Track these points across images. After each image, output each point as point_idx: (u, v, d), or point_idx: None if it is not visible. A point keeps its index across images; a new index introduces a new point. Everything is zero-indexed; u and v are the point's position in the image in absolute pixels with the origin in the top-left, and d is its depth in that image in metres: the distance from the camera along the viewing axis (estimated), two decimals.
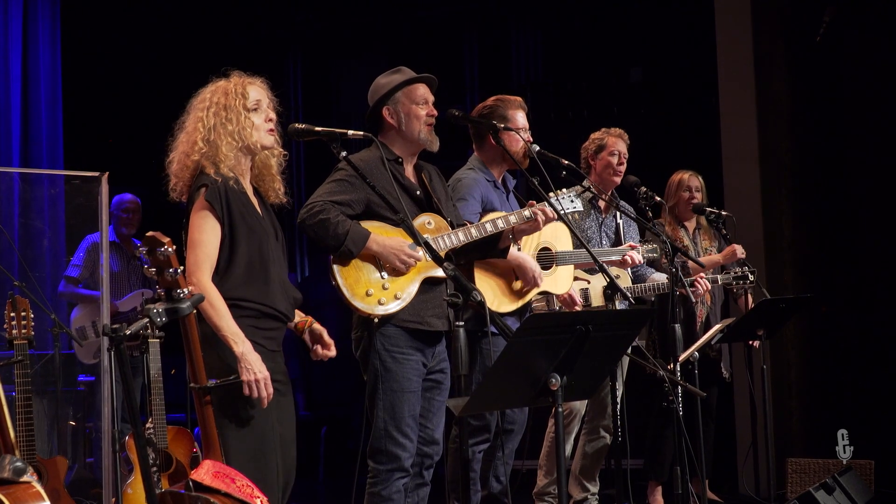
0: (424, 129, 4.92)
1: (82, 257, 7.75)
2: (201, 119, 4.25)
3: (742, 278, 6.48)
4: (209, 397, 3.81)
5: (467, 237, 4.85)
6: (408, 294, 4.73)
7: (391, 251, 4.68)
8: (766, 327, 6.31)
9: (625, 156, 6.50)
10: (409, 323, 4.76)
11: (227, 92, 4.29)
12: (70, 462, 6.87)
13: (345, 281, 4.68)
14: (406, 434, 4.77)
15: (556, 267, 5.75)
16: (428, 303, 4.79)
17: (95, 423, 7.53)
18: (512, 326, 4.40)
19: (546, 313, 5.92)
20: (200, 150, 4.20)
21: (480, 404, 3.97)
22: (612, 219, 6.56)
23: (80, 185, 7.25)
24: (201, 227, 4.13)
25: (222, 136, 4.21)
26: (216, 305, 4.05)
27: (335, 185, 4.77)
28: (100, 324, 7.48)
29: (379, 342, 4.76)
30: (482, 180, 5.59)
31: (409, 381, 4.78)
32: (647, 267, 6.72)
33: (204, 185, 4.16)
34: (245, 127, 4.23)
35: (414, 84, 4.98)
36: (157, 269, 3.48)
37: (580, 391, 3.88)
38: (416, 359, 4.81)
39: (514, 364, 3.53)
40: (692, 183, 7.08)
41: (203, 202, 4.14)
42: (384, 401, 4.76)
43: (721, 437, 7.59)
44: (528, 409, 5.67)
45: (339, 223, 4.63)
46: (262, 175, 4.41)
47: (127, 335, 3.28)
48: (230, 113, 4.24)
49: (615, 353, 4.00)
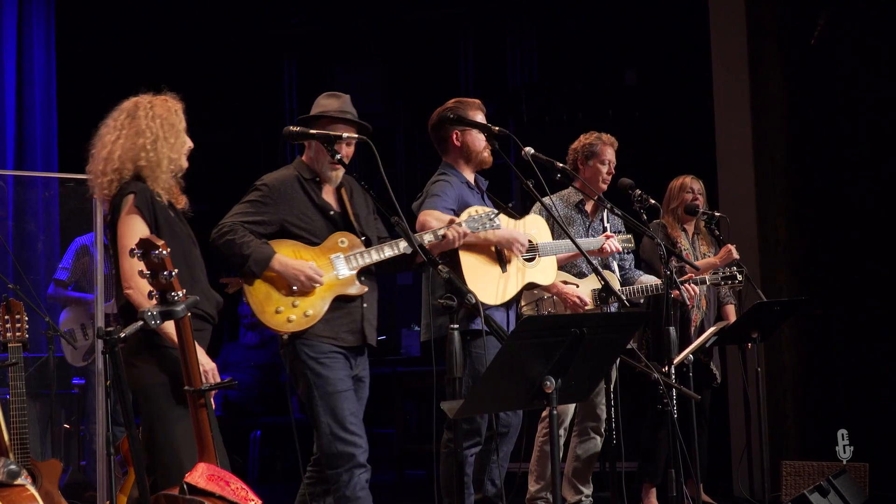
0: (329, 165, 4.98)
1: (71, 260, 7.74)
2: (150, 127, 4.38)
3: (730, 278, 6.47)
4: (203, 399, 3.81)
5: (380, 255, 4.92)
6: (318, 311, 4.82)
7: (293, 270, 4.76)
8: (761, 330, 6.31)
9: (613, 164, 6.51)
10: (323, 339, 4.86)
11: (169, 110, 4.45)
12: (64, 465, 6.86)
13: (254, 299, 4.79)
14: (353, 431, 4.84)
15: (540, 258, 5.77)
16: (341, 320, 4.89)
17: (89, 426, 7.52)
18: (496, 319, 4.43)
19: (541, 316, 5.94)
20: (148, 156, 4.35)
21: (475, 407, 3.98)
22: (600, 223, 6.57)
23: (75, 188, 7.26)
24: (134, 234, 4.24)
25: (164, 152, 4.37)
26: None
27: (248, 205, 4.88)
28: (88, 326, 7.48)
29: (303, 352, 4.85)
30: (455, 181, 5.63)
31: (342, 381, 4.88)
32: (636, 269, 6.72)
33: (132, 192, 4.31)
34: (181, 150, 4.43)
35: (334, 123, 5.00)
36: (151, 272, 3.48)
37: (575, 394, 3.89)
38: (342, 361, 4.90)
39: (509, 367, 3.53)
40: (694, 186, 7.07)
41: (132, 208, 4.28)
42: (322, 406, 4.84)
43: (715, 439, 7.59)
44: (521, 411, 5.67)
45: (244, 244, 4.74)
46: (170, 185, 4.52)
47: (121, 338, 3.29)
48: (173, 130, 4.41)
49: (610, 355, 4.01)
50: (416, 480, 9.47)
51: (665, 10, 9.89)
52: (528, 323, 3.57)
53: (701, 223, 7.14)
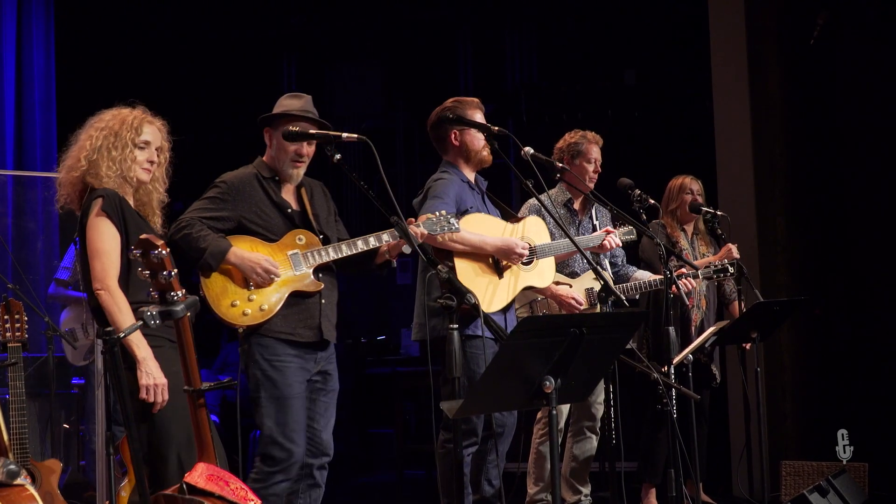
0: (290, 164, 5.03)
1: (72, 259, 7.74)
2: (91, 138, 4.56)
3: (722, 270, 6.46)
4: (203, 399, 3.81)
5: (337, 253, 4.94)
6: (273, 306, 4.84)
7: (249, 263, 4.78)
8: (760, 330, 6.31)
9: (599, 162, 6.51)
10: (280, 334, 4.88)
11: (124, 121, 4.58)
12: (63, 465, 6.86)
13: (209, 292, 4.81)
14: (293, 440, 4.87)
15: (538, 261, 5.78)
16: (298, 315, 4.91)
17: (88, 426, 7.53)
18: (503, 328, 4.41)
19: (541, 316, 5.93)
20: (82, 167, 4.52)
21: (474, 407, 3.98)
22: (589, 220, 6.57)
23: None
24: (103, 236, 4.36)
25: (105, 159, 4.50)
26: (123, 310, 4.34)
27: (207, 202, 4.92)
28: (90, 326, 7.47)
29: (257, 352, 4.87)
30: (457, 181, 5.63)
31: (290, 387, 4.89)
32: (629, 265, 6.72)
33: (101, 195, 4.42)
34: (126, 158, 4.53)
35: (295, 122, 5.02)
36: (150, 272, 3.48)
37: (574, 394, 3.89)
38: (296, 365, 4.92)
39: (508, 367, 3.53)
40: (693, 186, 7.08)
41: (100, 211, 4.40)
42: (267, 408, 4.87)
43: (715, 439, 7.59)
44: (517, 411, 5.67)
45: (201, 238, 4.77)
46: (143, 204, 4.67)
47: (120, 338, 3.29)
48: (118, 141, 4.54)
49: (609, 355, 4.00)
50: (415, 480, 9.48)
51: (664, 10, 9.90)
52: (528, 323, 3.57)
53: (700, 223, 7.14)
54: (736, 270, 6.48)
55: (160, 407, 4.31)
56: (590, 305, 6.24)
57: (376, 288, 11.54)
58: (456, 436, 4.14)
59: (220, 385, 3.95)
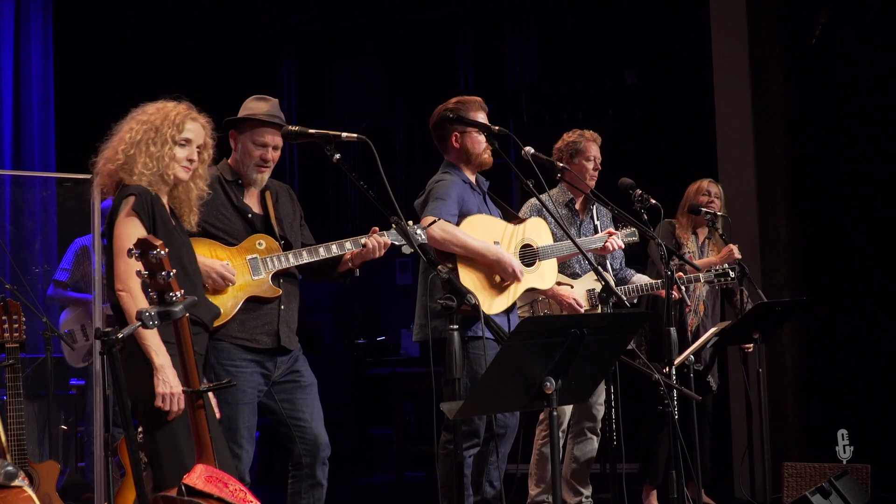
0: (254, 168, 5.04)
1: (71, 261, 7.74)
2: (131, 131, 4.45)
3: (723, 275, 6.46)
4: (201, 401, 3.80)
5: (297, 259, 4.93)
6: (228, 311, 4.82)
7: (204, 268, 4.74)
8: (762, 330, 6.30)
9: (599, 160, 6.51)
10: (237, 339, 4.87)
11: (166, 117, 4.46)
12: (62, 466, 6.86)
13: None
14: (241, 445, 4.86)
15: (540, 262, 5.77)
16: (256, 321, 4.90)
17: (87, 428, 7.52)
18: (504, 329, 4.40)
19: (541, 317, 5.93)
20: (118, 160, 4.40)
21: (474, 408, 3.97)
22: (590, 220, 6.56)
23: (72, 188, 7.26)
24: (130, 236, 4.24)
25: (142, 154, 4.39)
26: None
27: None
28: (89, 327, 7.47)
29: (213, 357, 4.85)
30: (459, 182, 5.63)
31: (243, 393, 4.87)
32: (627, 268, 6.72)
33: (132, 194, 4.33)
34: (164, 155, 4.41)
35: (261, 127, 5.05)
36: (149, 272, 3.47)
37: (575, 395, 3.88)
38: (251, 370, 4.90)
39: (509, 368, 3.53)
40: (711, 189, 7.05)
41: (130, 210, 4.30)
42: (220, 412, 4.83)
43: (717, 440, 7.59)
44: (518, 412, 5.67)
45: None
46: (180, 201, 4.57)
47: (119, 339, 3.28)
48: (158, 136, 4.42)
49: (610, 356, 4.00)
50: (415, 482, 9.47)
51: (665, 10, 9.89)
52: (528, 323, 3.56)
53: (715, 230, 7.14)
54: (738, 271, 6.47)
55: (174, 416, 4.23)
56: (591, 307, 6.24)
57: (376, 288, 11.54)
58: (457, 437, 4.14)
59: (219, 385, 3.95)
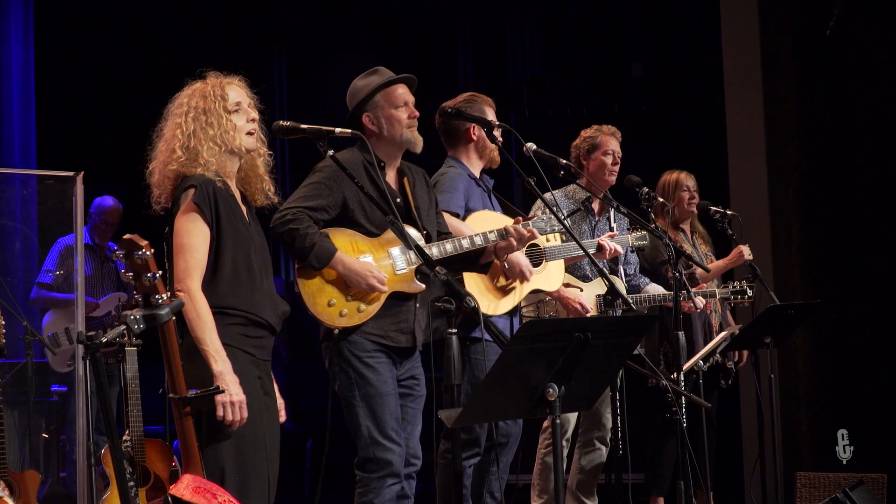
0: (407, 131, 4.95)
1: (55, 261, 7.74)
2: (180, 125, 4.23)
3: (740, 293, 6.48)
4: (189, 408, 3.80)
5: (441, 252, 4.89)
6: (372, 308, 4.79)
7: (355, 276, 4.71)
8: (774, 335, 6.30)
9: (619, 155, 6.51)
10: (371, 335, 4.82)
11: (206, 95, 4.27)
12: (43, 476, 6.85)
13: (307, 290, 4.75)
14: (391, 438, 4.79)
15: (546, 263, 5.77)
16: (392, 318, 4.85)
17: (69, 436, 7.52)
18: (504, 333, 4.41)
19: (543, 320, 5.93)
20: (178, 158, 4.19)
21: (474, 416, 3.97)
22: (606, 222, 6.56)
23: (54, 186, 7.25)
24: (190, 231, 4.11)
25: (203, 142, 4.19)
26: (203, 317, 4.05)
27: (311, 188, 4.81)
28: (73, 330, 7.47)
29: (346, 350, 4.80)
30: (465, 176, 5.65)
31: (385, 384, 4.82)
32: (642, 277, 6.72)
33: (192, 185, 4.14)
34: (227, 130, 4.22)
35: (392, 85, 4.99)
36: (134, 273, 3.47)
37: (579, 402, 3.88)
38: (386, 361, 4.85)
39: (510, 373, 3.53)
40: (689, 182, 7.10)
41: (191, 204, 4.12)
42: (363, 408, 4.79)
43: (727, 449, 7.59)
44: (521, 420, 5.67)
45: (307, 235, 4.68)
46: (248, 177, 4.41)
47: (103, 343, 3.28)
48: (210, 117, 4.22)
49: (616, 361, 4.00)
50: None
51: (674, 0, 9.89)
52: (530, 327, 3.56)
53: (695, 220, 7.16)
54: (749, 272, 6.49)
55: (239, 425, 4.03)
56: (599, 312, 6.24)
57: None
58: (455, 446, 4.14)
59: (208, 392, 3.94)
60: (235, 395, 4.01)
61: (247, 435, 4.10)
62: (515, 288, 5.57)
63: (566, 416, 6.32)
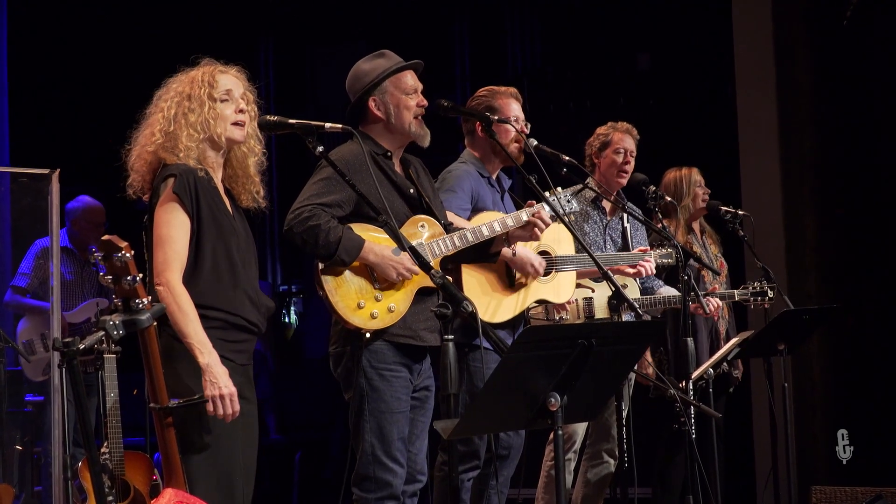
0: (414, 121, 4.92)
1: (31, 264, 7.73)
2: (162, 109, 4.26)
3: (760, 294, 6.48)
4: (171, 419, 3.80)
5: (463, 242, 4.85)
6: (402, 307, 4.74)
7: (390, 262, 4.67)
8: (788, 341, 6.30)
9: (632, 153, 6.50)
10: (398, 337, 4.76)
11: (193, 81, 4.29)
12: (17, 491, 6.85)
13: (336, 291, 4.68)
14: (396, 458, 4.77)
15: (556, 273, 5.75)
16: (420, 315, 4.78)
17: (45, 448, 7.51)
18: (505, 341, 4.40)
19: (545, 325, 5.93)
20: (157, 140, 4.21)
21: (471, 427, 3.97)
22: (619, 221, 6.56)
23: (28, 184, 7.24)
24: (169, 222, 4.12)
25: (183, 127, 4.21)
26: (185, 309, 4.05)
27: (322, 184, 4.74)
28: (50, 337, 7.46)
29: (365, 358, 4.74)
30: (474, 174, 5.63)
31: (397, 401, 4.78)
32: (655, 279, 6.72)
33: (172, 174, 4.15)
34: (208, 118, 4.24)
35: (402, 71, 4.98)
36: (113, 276, 3.48)
37: (583, 412, 3.89)
38: (405, 376, 4.81)
39: (509, 382, 3.53)
40: (700, 178, 7.10)
41: (171, 194, 4.13)
42: (371, 423, 4.75)
43: (738, 462, 7.60)
44: (524, 432, 5.67)
45: (331, 230, 4.62)
46: (236, 176, 4.42)
47: (80, 350, 3.28)
48: (193, 102, 4.25)
49: (621, 370, 4.00)
50: None
51: None
52: (531, 333, 3.56)
53: (704, 220, 7.17)
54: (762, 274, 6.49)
55: (232, 419, 4.05)
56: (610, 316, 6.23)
57: None
58: (452, 459, 4.14)
59: (191, 401, 3.94)
60: (225, 388, 4.02)
61: (224, 447, 4.11)
62: (519, 292, 5.56)
63: (574, 427, 6.32)
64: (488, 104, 5.62)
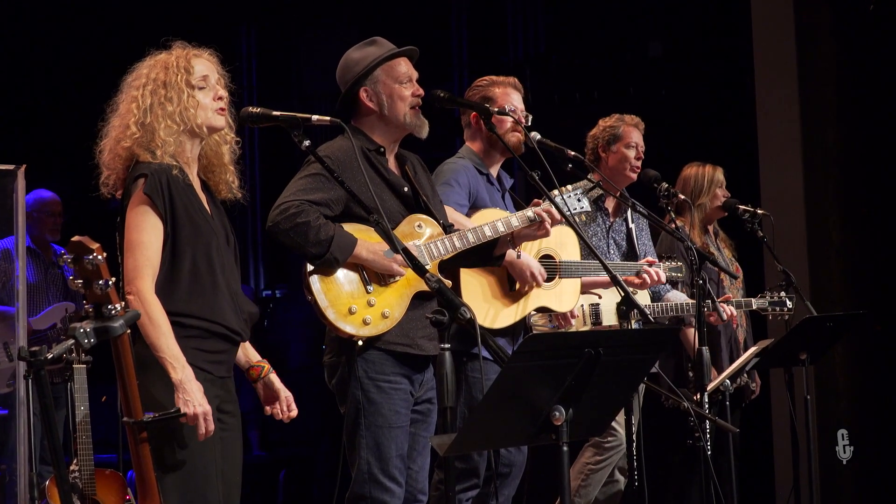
0: (410, 112, 4.91)
1: None
2: (136, 99, 4.24)
3: (780, 304, 6.48)
4: (146, 434, 3.80)
5: (463, 243, 4.86)
6: (397, 312, 4.74)
7: (386, 262, 4.66)
8: (811, 350, 6.30)
9: (642, 149, 6.50)
10: (395, 346, 4.76)
11: (168, 66, 4.28)
12: None
13: (326, 296, 4.67)
14: (394, 477, 4.76)
15: (560, 279, 5.75)
16: (418, 321, 4.77)
17: (9, 465, 7.51)
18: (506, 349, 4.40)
19: (548, 333, 5.93)
20: (133, 135, 4.19)
21: (470, 443, 3.97)
22: (622, 223, 6.56)
23: None
24: (140, 226, 4.11)
25: (160, 119, 4.20)
26: (156, 321, 4.05)
27: (310, 180, 4.73)
28: (14, 346, 7.46)
29: (361, 369, 4.74)
30: (472, 169, 5.62)
31: (396, 415, 4.77)
32: (664, 284, 6.72)
33: (142, 174, 4.14)
34: (188, 107, 4.23)
35: (395, 59, 4.97)
36: (84, 280, 3.47)
37: (589, 427, 3.89)
38: (404, 388, 4.81)
39: (510, 394, 3.53)
40: (723, 179, 7.10)
41: (141, 196, 4.12)
42: (367, 438, 4.74)
43: (757, 480, 7.60)
44: (526, 448, 5.67)
45: (322, 227, 4.61)
46: (210, 165, 4.41)
47: (48, 360, 3.27)
48: (170, 91, 4.23)
49: (631, 381, 4.00)
50: None
51: None
52: (533, 341, 3.56)
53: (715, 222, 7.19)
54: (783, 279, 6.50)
55: (205, 437, 4.04)
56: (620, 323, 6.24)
57: None
58: (450, 477, 4.13)
59: (166, 415, 3.94)
60: (199, 406, 4.01)
61: (198, 464, 4.10)
62: (520, 298, 5.56)
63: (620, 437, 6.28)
64: (485, 94, 5.62)
